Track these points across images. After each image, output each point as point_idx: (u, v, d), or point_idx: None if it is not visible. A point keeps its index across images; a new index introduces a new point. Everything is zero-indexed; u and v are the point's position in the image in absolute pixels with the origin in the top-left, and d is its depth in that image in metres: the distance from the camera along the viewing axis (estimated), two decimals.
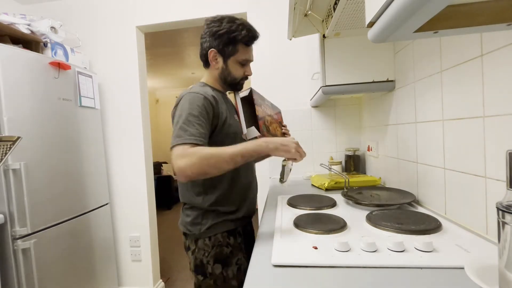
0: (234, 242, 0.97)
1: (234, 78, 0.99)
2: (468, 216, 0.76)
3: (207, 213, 0.95)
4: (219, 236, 0.94)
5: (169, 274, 2.44)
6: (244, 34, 0.94)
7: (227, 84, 1.01)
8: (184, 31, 2.96)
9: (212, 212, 0.95)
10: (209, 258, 0.94)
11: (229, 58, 0.97)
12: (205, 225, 0.94)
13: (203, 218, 0.95)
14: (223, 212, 0.96)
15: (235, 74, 0.99)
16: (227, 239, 0.95)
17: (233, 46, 0.95)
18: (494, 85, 0.65)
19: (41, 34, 1.66)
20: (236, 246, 0.97)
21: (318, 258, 0.61)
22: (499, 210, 0.42)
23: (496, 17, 0.45)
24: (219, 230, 0.95)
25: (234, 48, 0.95)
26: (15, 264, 1.30)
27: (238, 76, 0.99)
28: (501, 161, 0.64)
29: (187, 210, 0.99)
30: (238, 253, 0.97)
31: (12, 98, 1.32)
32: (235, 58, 0.97)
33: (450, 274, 0.53)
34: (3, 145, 1.03)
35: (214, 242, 0.94)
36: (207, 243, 0.94)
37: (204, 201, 0.94)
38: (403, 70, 1.14)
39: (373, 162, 1.57)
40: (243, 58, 0.97)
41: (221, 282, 0.93)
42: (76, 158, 1.69)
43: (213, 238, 0.94)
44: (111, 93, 2.03)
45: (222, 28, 0.93)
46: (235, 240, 0.97)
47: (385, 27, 0.44)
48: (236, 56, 0.96)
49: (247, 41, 0.96)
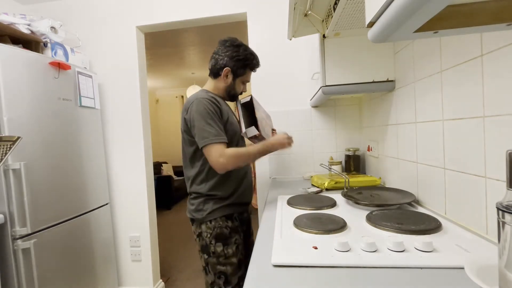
0: (232, 225, 1.15)
1: (236, 93, 1.25)
2: (468, 216, 0.76)
3: (207, 200, 1.14)
4: (218, 220, 1.12)
5: (169, 274, 2.44)
6: (254, 63, 1.22)
7: (228, 96, 1.25)
8: (184, 31, 2.96)
9: (211, 199, 1.14)
10: (212, 238, 1.11)
11: (238, 77, 1.21)
12: (206, 211, 1.13)
13: (204, 205, 1.14)
14: (219, 197, 1.14)
15: (237, 90, 1.24)
16: (225, 222, 1.13)
17: (243, 70, 1.20)
18: (494, 85, 0.65)
19: (41, 34, 1.66)
20: (233, 228, 1.15)
21: (318, 258, 0.61)
22: (499, 210, 0.42)
23: (496, 17, 0.45)
24: (218, 215, 1.13)
25: (243, 71, 1.21)
26: (15, 264, 1.30)
27: (239, 92, 1.25)
28: (501, 161, 0.64)
29: (191, 200, 1.19)
30: (235, 234, 1.15)
31: (12, 98, 1.32)
32: (241, 79, 1.22)
33: (450, 274, 0.53)
34: (3, 145, 1.03)
35: (215, 225, 1.12)
36: (209, 225, 1.12)
37: (205, 187, 1.13)
38: (403, 70, 1.14)
39: (373, 162, 1.57)
40: (246, 79, 1.24)
41: (223, 259, 1.11)
42: (76, 158, 1.69)
43: (214, 221, 1.12)
44: (111, 93, 2.03)
45: (240, 54, 1.17)
46: (232, 223, 1.15)
47: (385, 27, 0.44)
48: (242, 78, 1.22)
49: (254, 68, 1.23)
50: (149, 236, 2.04)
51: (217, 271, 1.11)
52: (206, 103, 1.08)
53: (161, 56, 3.77)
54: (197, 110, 1.07)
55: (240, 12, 1.87)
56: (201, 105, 1.08)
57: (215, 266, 1.11)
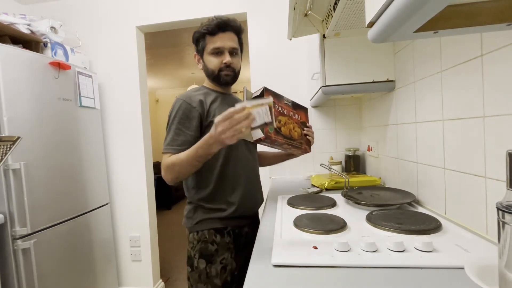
0: (220, 241, 0.97)
1: (212, 71, 1.00)
2: (468, 216, 0.76)
3: (197, 208, 1.00)
4: (205, 233, 0.97)
5: (169, 274, 2.44)
6: (207, 25, 0.97)
7: (212, 80, 1.03)
8: (184, 31, 2.95)
9: (201, 208, 0.99)
10: (195, 252, 0.97)
11: (203, 54, 1.01)
12: (195, 219, 0.99)
13: (194, 213, 1.00)
14: (210, 208, 0.98)
15: (210, 66, 1.00)
16: (213, 236, 0.97)
17: (202, 41, 0.99)
18: (494, 85, 0.65)
19: (41, 34, 1.66)
20: (223, 245, 0.97)
21: (318, 258, 0.61)
22: (499, 210, 0.42)
23: (496, 17, 0.45)
24: (205, 227, 0.98)
25: (203, 42, 0.99)
26: (15, 264, 1.30)
27: (214, 68, 1.00)
28: (501, 161, 0.64)
29: (186, 205, 1.06)
30: (224, 252, 0.97)
31: (12, 98, 1.32)
32: (206, 52, 1.00)
33: (450, 274, 0.53)
34: (3, 145, 1.03)
35: (200, 237, 0.97)
36: (195, 237, 0.98)
37: (195, 195, 1.00)
38: (403, 70, 1.14)
39: (373, 162, 1.57)
40: (212, 47, 0.98)
41: (204, 277, 0.95)
42: (76, 158, 1.69)
43: (200, 233, 0.98)
44: (111, 93, 2.03)
45: (196, 33, 1.00)
46: (222, 238, 0.98)
47: (385, 27, 0.44)
48: (206, 49, 0.99)
49: (211, 31, 0.97)
50: (149, 236, 2.04)
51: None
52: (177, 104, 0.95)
53: (161, 56, 3.77)
54: (170, 112, 0.96)
55: (240, 12, 1.87)
56: (175, 105, 0.95)
57: (196, 282, 0.97)
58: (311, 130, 1.10)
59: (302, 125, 1.07)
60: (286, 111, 1.01)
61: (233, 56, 1.01)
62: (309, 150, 1.09)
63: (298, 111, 1.07)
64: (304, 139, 1.06)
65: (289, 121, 1.00)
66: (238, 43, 1.03)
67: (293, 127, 1.01)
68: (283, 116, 0.98)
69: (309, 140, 1.09)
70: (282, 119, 0.97)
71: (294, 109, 1.05)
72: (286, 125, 0.98)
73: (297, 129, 1.03)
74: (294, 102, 1.07)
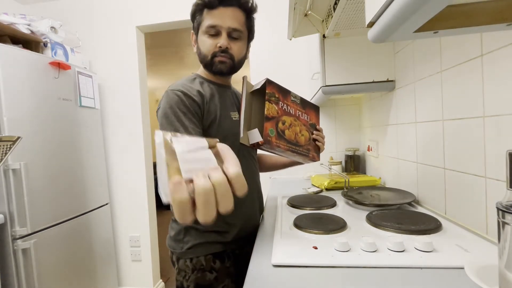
0: (220, 267, 0.81)
1: (204, 55, 0.80)
2: (468, 216, 0.76)
3: (189, 229, 0.81)
4: (201, 259, 0.79)
5: (169, 274, 2.43)
6: None
7: (205, 67, 0.83)
8: (184, 31, 2.95)
9: (193, 230, 0.80)
10: (189, 283, 0.80)
11: (199, 32, 0.81)
12: (187, 243, 0.79)
13: (185, 235, 0.81)
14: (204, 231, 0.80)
15: (202, 48, 0.80)
16: (211, 262, 0.80)
17: (199, 15, 0.80)
18: (494, 85, 0.65)
19: (41, 34, 1.66)
20: (222, 271, 0.81)
21: (318, 258, 0.61)
22: (499, 210, 0.42)
23: (496, 17, 0.45)
24: (202, 253, 0.80)
25: (200, 18, 0.79)
26: (15, 264, 1.30)
27: (206, 51, 0.79)
28: (501, 161, 0.64)
29: (172, 223, 0.85)
30: (224, 279, 0.81)
31: (12, 98, 1.32)
32: (201, 30, 0.80)
33: (450, 274, 0.53)
34: (3, 145, 1.02)
35: (195, 265, 0.79)
36: (188, 264, 0.80)
37: None
38: (403, 70, 1.14)
39: (373, 162, 1.57)
40: (208, 24, 0.77)
41: None
42: (76, 158, 1.69)
43: (195, 260, 0.79)
44: (111, 93, 2.03)
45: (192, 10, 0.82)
46: (222, 264, 0.81)
47: (385, 27, 0.44)
48: (201, 26, 0.79)
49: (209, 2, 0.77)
50: (149, 236, 2.04)
51: None
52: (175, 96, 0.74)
53: (161, 56, 3.76)
54: (163, 107, 0.75)
55: None
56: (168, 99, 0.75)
57: None
58: (322, 134, 0.90)
59: (311, 128, 0.89)
60: (292, 109, 0.83)
61: (233, 40, 0.80)
62: (317, 158, 0.90)
63: (308, 110, 0.89)
64: (312, 144, 0.88)
65: (296, 122, 0.83)
66: (244, 24, 0.83)
67: (299, 130, 0.84)
68: (288, 116, 0.81)
69: (318, 147, 0.90)
70: (287, 119, 0.80)
71: (303, 108, 0.87)
72: (292, 128, 0.81)
73: (305, 133, 0.85)
74: (303, 99, 0.89)
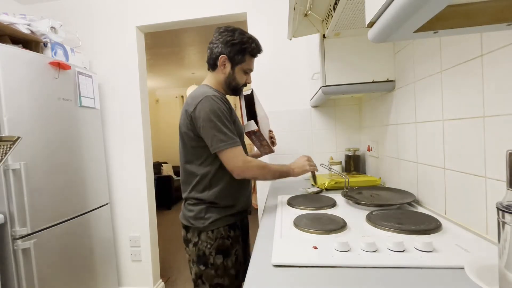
0: (233, 235, 1.07)
1: (238, 84, 1.11)
2: (468, 216, 0.76)
3: (210, 208, 1.05)
4: (221, 230, 1.04)
5: (169, 274, 2.43)
6: (253, 47, 1.08)
7: (230, 89, 1.12)
8: (184, 31, 2.96)
9: (214, 208, 1.05)
10: (212, 250, 1.03)
11: (237, 65, 1.08)
12: (209, 219, 1.04)
13: (206, 213, 1.04)
14: (223, 206, 1.06)
15: (239, 80, 1.11)
16: (228, 232, 1.06)
17: (242, 56, 1.07)
18: (494, 85, 0.65)
19: (41, 34, 1.65)
20: (235, 238, 1.08)
21: (318, 258, 0.61)
22: (499, 210, 0.42)
23: (496, 17, 0.45)
24: (221, 224, 1.05)
25: (242, 58, 1.07)
26: (15, 264, 1.30)
27: (241, 83, 1.12)
28: (501, 161, 0.64)
29: (190, 206, 1.08)
30: (236, 245, 1.08)
31: (12, 98, 1.32)
32: (241, 67, 1.09)
33: (450, 274, 0.53)
34: (3, 145, 1.03)
35: (217, 235, 1.04)
36: (210, 235, 1.03)
37: (208, 194, 1.04)
38: (403, 70, 1.14)
39: (373, 162, 1.57)
40: (248, 68, 1.11)
41: (221, 271, 1.03)
42: (76, 158, 1.69)
43: (216, 231, 1.04)
44: (111, 93, 2.03)
45: (235, 38, 1.05)
46: (234, 233, 1.08)
47: (385, 27, 0.44)
48: (242, 65, 1.09)
49: (254, 53, 1.10)
50: (149, 236, 2.04)
51: (214, 283, 1.03)
52: (218, 101, 0.99)
53: (161, 56, 3.77)
54: (210, 110, 0.96)
55: (240, 12, 1.87)
56: (213, 104, 0.97)
57: (212, 278, 1.03)
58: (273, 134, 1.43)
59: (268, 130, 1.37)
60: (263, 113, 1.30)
61: None
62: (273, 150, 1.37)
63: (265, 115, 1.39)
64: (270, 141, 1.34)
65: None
66: None
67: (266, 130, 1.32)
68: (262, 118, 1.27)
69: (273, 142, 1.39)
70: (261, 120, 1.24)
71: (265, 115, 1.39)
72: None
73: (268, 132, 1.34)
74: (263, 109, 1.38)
